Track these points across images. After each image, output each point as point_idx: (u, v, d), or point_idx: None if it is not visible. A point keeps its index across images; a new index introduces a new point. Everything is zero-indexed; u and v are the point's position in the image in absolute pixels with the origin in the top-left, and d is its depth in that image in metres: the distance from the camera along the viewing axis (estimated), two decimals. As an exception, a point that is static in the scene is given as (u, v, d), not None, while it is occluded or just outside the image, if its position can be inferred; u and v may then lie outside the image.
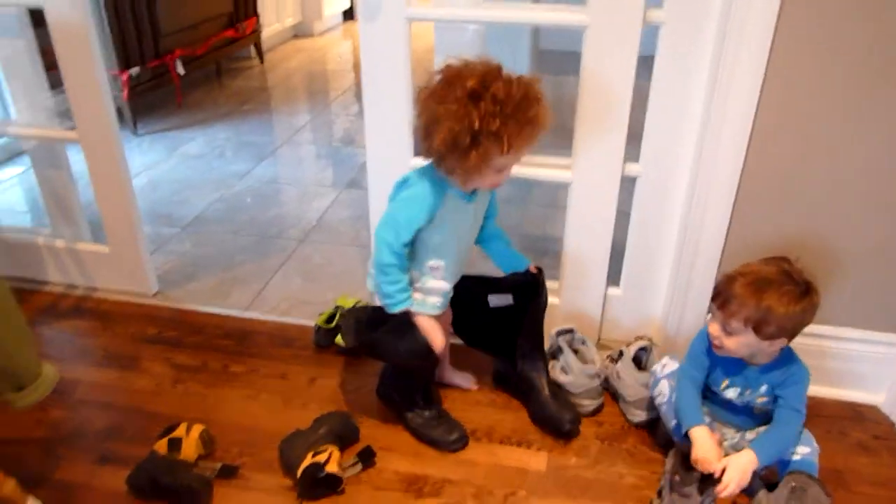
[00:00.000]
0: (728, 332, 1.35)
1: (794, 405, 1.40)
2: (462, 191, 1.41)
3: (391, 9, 1.52)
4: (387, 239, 1.38)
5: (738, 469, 1.32)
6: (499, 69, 1.29)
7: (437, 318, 1.48)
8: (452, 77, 1.28)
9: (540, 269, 1.60)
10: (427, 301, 1.47)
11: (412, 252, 1.44)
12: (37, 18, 1.88)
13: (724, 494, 1.32)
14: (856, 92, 1.41)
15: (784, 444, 1.39)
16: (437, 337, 1.45)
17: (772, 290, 1.29)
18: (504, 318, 1.60)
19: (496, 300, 1.54)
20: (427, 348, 1.44)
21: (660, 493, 1.41)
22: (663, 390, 1.51)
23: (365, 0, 1.52)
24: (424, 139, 1.32)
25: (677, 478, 1.37)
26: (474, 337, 1.70)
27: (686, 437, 1.40)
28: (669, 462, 1.42)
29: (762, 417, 1.46)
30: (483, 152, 1.27)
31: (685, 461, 1.38)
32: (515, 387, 1.66)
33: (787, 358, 1.41)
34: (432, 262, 1.46)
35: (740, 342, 1.35)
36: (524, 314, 1.58)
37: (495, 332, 1.64)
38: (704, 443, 1.37)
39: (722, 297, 1.34)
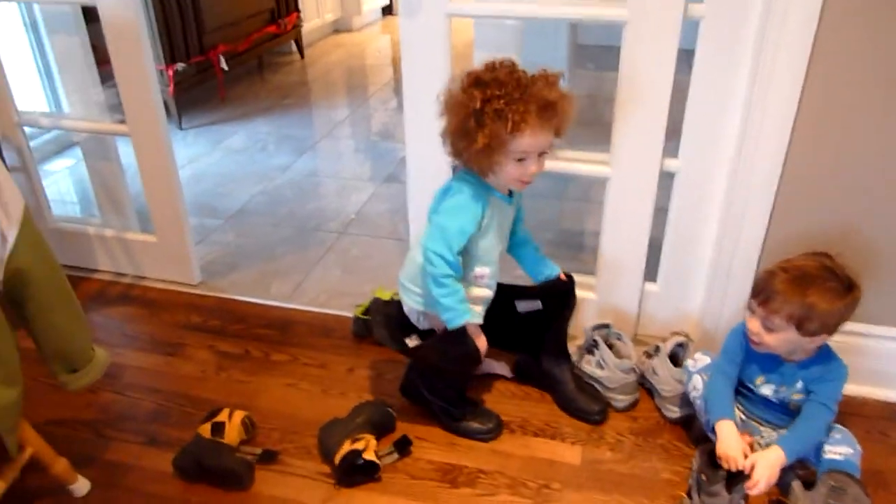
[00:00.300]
0: (769, 329, 1.34)
1: (825, 400, 1.38)
2: (502, 193, 1.42)
3: (431, 5, 1.53)
4: (439, 251, 1.36)
5: (766, 466, 1.32)
6: (512, 63, 1.32)
7: None
8: (467, 77, 1.33)
9: (570, 277, 1.59)
10: (473, 310, 1.45)
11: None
12: (88, 15, 1.95)
13: (754, 492, 1.32)
14: (901, 88, 1.38)
15: (811, 439, 1.38)
16: (482, 342, 1.46)
17: (815, 287, 1.28)
18: (531, 322, 1.60)
19: (525, 305, 1.54)
20: (478, 353, 1.45)
21: (689, 494, 1.41)
22: (697, 385, 1.51)
23: (406, -3, 1.54)
24: (444, 137, 1.36)
25: (704, 477, 1.36)
26: (497, 337, 1.63)
27: (713, 431, 1.40)
28: (696, 461, 1.42)
29: (795, 415, 1.45)
30: (489, 133, 1.27)
31: (711, 459, 1.38)
32: (539, 381, 1.67)
33: (826, 355, 1.40)
34: (478, 271, 1.46)
35: (781, 339, 1.34)
36: (552, 318, 1.59)
37: (520, 333, 1.64)
38: (730, 437, 1.37)
39: (763, 293, 1.33)
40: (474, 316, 1.44)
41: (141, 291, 2.11)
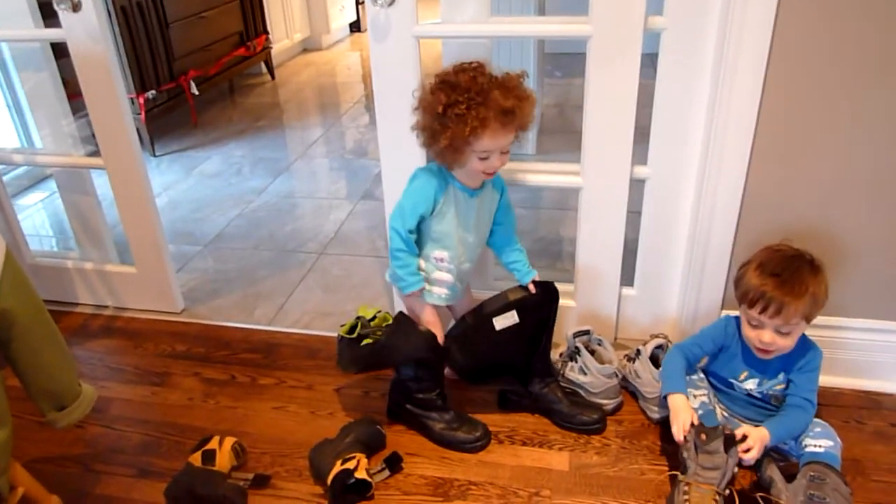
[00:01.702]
0: (784, 333, 1.39)
1: (805, 394, 1.44)
2: (464, 185, 1.50)
3: (400, 28, 1.57)
4: (395, 226, 1.50)
5: (756, 437, 1.37)
6: (477, 66, 1.40)
7: (439, 310, 1.60)
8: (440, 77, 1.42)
9: (550, 288, 1.61)
10: (433, 291, 1.58)
11: (419, 242, 1.55)
12: (58, 50, 1.95)
13: (747, 457, 1.36)
14: (857, 85, 1.43)
15: (795, 428, 1.44)
16: (437, 329, 1.56)
17: (805, 275, 1.35)
18: (511, 339, 1.61)
19: (502, 322, 1.58)
20: (432, 337, 1.53)
21: (682, 470, 1.42)
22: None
23: (374, 22, 1.57)
24: (416, 131, 1.47)
25: (703, 436, 1.38)
26: (483, 370, 1.70)
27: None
28: (691, 434, 1.42)
29: (776, 410, 1.49)
30: (451, 135, 1.37)
31: (704, 425, 1.42)
32: (532, 406, 1.68)
33: (804, 342, 1.45)
34: (437, 253, 1.55)
35: (795, 336, 1.40)
36: (531, 330, 1.61)
37: (504, 355, 1.65)
38: (680, 408, 1.43)
39: (770, 306, 1.35)
40: (433, 297, 1.58)
41: (123, 323, 2.11)
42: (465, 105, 1.35)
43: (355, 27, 5.94)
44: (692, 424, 1.41)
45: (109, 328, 2.09)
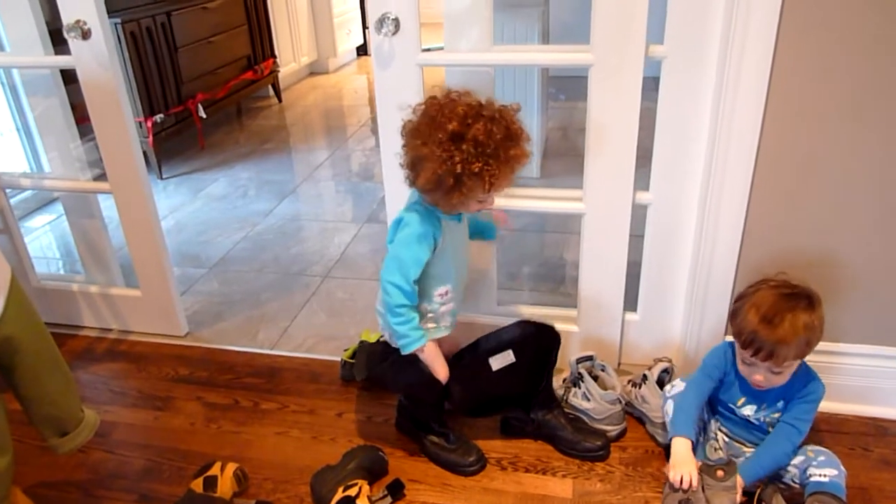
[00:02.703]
0: (777, 373, 1.39)
1: (794, 419, 1.43)
2: (450, 213, 1.47)
3: (404, 57, 1.59)
4: (394, 282, 1.41)
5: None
6: (479, 106, 1.34)
7: (442, 341, 1.54)
8: (435, 113, 1.34)
9: (546, 331, 1.59)
10: (440, 325, 1.55)
11: (419, 287, 1.47)
12: (67, 76, 1.98)
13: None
14: (855, 115, 1.44)
15: (772, 464, 1.43)
16: (439, 367, 1.50)
17: (800, 320, 1.33)
18: (509, 376, 1.59)
19: (498, 362, 1.56)
20: (430, 379, 1.50)
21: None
22: (669, 410, 1.56)
23: (378, 50, 1.59)
24: (410, 173, 1.40)
25: (721, 473, 1.38)
26: (483, 406, 1.69)
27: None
28: (701, 480, 1.42)
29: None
30: (466, 191, 1.33)
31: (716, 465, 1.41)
32: (535, 433, 1.67)
33: (805, 373, 1.44)
34: (439, 290, 1.52)
35: (789, 373, 1.40)
36: (529, 368, 1.60)
37: (503, 391, 1.64)
38: (683, 454, 1.43)
39: (763, 349, 1.35)
40: (439, 331, 1.54)
41: (128, 346, 2.12)
42: (482, 162, 1.30)
43: (362, 51, 6.00)
44: (700, 469, 1.41)
45: (114, 351, 2.10)
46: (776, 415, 1.47)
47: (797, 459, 1.44)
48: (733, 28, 1.40)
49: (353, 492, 1.45)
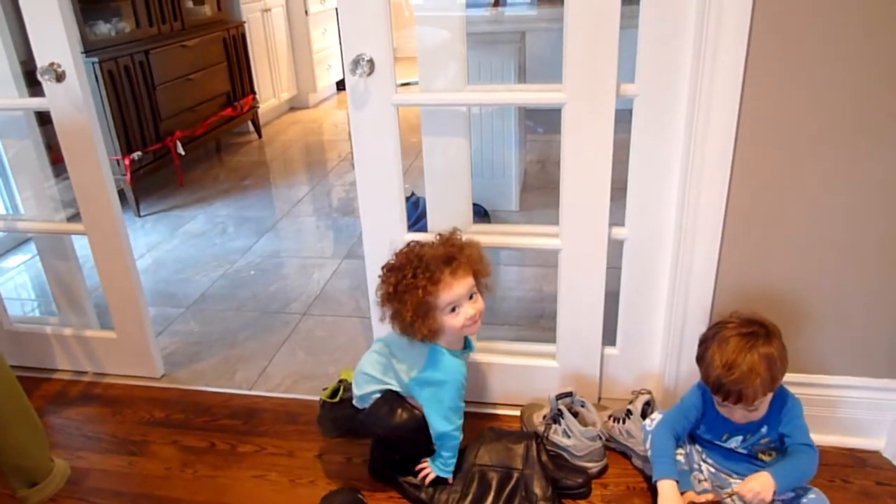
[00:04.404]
0: (752, 410, 1.41)
1: (803, 440, 1.45)
2: (459, 348, 1.56)
3: (379, 97, 1.60)
4: (451, 431, 1.52)
5: (758, 481, 1.38)
6: (413, 245, 1.51)
7: None
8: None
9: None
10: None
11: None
12: (41, 116, 1.98)
13: (749, 497, 1.38)
14: (825, 150, 1.47)
15: (801, 475, 1.44)
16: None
17: (760, 358, 1.35)
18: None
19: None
20: (423, 420, 1.52)
21: None
22: (648, 446, 1.56)
23: (354, 91, 1.60)
24: (408, 328, 1.49)
25: None
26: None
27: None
28: None
29: (765, 464, 1.48)
30: (410, 304, 1.43)
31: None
32: None
33: (781, 394, 1.46)
34: None
35: (764, 407, 1.43)
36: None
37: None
38: (670, 496, 1.44)
39: (731, 395, 1.37)
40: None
41: (102, 389, 2.08)
42: (411, 274, 1.43)
43: (342, 86, 6.04)
44: None
45: (88, 395, 2.06)
46: (764, 440, 1.47)
47: (787, 495, 1.45)
48: (702, 66, 1.43)
49: (331, 537, 1.42)
